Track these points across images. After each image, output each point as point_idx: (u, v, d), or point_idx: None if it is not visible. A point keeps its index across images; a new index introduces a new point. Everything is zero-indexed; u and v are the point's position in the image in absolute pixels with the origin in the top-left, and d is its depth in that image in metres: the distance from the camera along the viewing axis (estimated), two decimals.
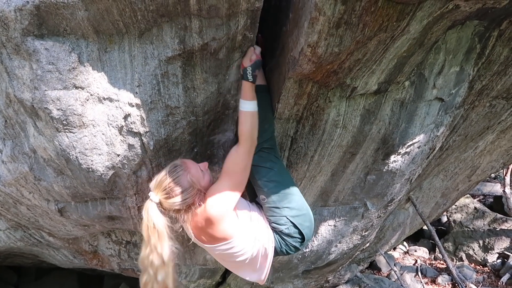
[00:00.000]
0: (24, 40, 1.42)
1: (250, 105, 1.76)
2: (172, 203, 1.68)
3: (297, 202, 1.93)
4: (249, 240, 1.83)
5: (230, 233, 1.76)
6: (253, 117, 1.77)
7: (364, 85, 1.95)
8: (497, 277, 5.64)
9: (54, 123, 1.60)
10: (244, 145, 1.76)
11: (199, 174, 1.77)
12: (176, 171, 1.71)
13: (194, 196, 1.72)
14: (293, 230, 1.90)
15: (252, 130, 1.76)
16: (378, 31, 1.54)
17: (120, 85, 1.64)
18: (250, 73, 1.74)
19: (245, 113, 1.77)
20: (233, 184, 1.75)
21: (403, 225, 4.76)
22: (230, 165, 1.78)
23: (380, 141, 2.35)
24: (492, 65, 2.17)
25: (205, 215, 1.72)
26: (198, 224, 1.77)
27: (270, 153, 1.94)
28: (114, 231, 3.00)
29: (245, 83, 1.77)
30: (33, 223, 2.59)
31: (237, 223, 1.79)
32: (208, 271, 3.67)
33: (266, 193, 1.89)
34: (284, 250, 1.94)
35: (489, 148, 3.52)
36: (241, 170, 1.78)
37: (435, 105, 2.23)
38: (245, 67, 1.75)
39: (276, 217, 1.90)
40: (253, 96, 1.77)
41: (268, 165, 1.91)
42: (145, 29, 1.55)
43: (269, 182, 1.89)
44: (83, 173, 1.81)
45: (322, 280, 4.51)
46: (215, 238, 1.78)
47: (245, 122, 1.77)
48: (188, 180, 1.70)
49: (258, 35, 1.89)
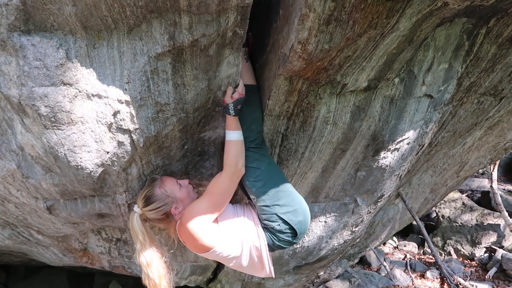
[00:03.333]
0: (10, 36, 1.40)
1: (234, 134, 1.88)
2: (149, 211, 1.90)
3: (287, 198, 1.95)
4: (235, 244, 1.90)
5: (211, 243, 1.84)
6: (237, 145, 1.88)
7: (354, 82, 1.96)
8: (484, 270, 5.74)
9: (42, 120, 1.57)
10: (226, 171, 1.87)
11: (175, 187, 1.95)
12: (152, 183, 1.94)
13: (169, 205, 1.91)
14: (284, 227, 1.93)
15: (235, 158, 1.87)
16: (368, 28, 1.54)
17: (109, 82, 1.62)
18: (232, 109, 1.87)
19: (229, 142, 1.89)
20: (211, 204, 1.85)
21: (393, 220, 4.81)
22: (211, 186, 1.89)
23: (370, 138, 2.37)
24: (480, 62, 2.19)
25: (183, 227, 1.83)
26: (183, 237, 1.88)
27: (256, 152, 1.98)
28: (104, 229, 2.98)
29: (228, 116, 1.89)
30: (22, 221, 2.56)
31: (217, 232, 1.87)
32: (199, 267, 3.68)
33: (255, 192, 1.95)
34: (278, 245, 2.00)
35: (477, 144, 3.57)
36: (221, 192, 1.88)
37: (424, 102, 2.25)
38: (227, 103, 1.88)
39: (267, 215, 1.94)
40: (236, 126, 1.90)
41: (255, 164, 1.96)
42: (134, 25, 1.53)
43: (256, 181, 1.94)
44: (72, 171, 1.79)
45: (313, 276, 4.54)
46: (199, 248, 1.86)
47: (228, 151, 1.88)
48: (162, 191, 1.91)
49: (249, 33, 1.89)
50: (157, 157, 2.00)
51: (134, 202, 2.10)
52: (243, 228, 1.95)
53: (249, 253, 1.94)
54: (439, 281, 5.55)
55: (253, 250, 1.94)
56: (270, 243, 1.97)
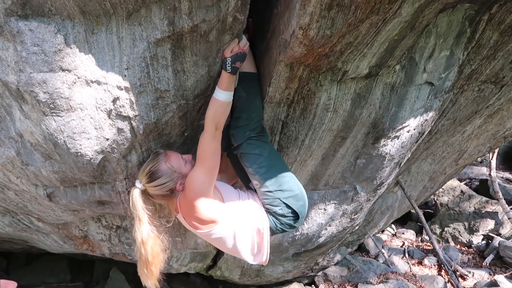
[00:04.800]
0: (7, 21, 1.38)
1: (221, 94, 1.78)
2: (153, 187, 1.82)
3: (288, 183, 2.01)
4: (238, 224, 1.93)
5: (215, 216, 1.84)
6: (222, 106, 1.79)
7: (355, 69, 1.94)
8: (481, 258, 5.78)
9: (41, 107, 1.56)
10: (207, 130, 1.79)
11: (180, 162, 1.88)
12: (157, 158, 1.86)
13: (174, 181, 1.84)
14: (286, 211, 2.00)
15: (215, 117, 1.78)
16: (370, 13, 1.52)
17: (108, 68, 1.60)
18: (229, 64, 1.76)
19: (214, 99, 1.80)
20: (205, 168, 1.80)
21: (392, 208, 4.83)
22: (199, 151, 1.82)
23: (370, 125, 2.36)
24: (481, 49, 2.18)
25: (187, 199, 1.81)
26: (186, 210, 1.85)
27: (258, 140, 2.00)
28: (104, 216, 2.99)
29: (223, 72, 1.79)
30: (22, 208, 2.56)
31: (222, 208, 1.88)
32: (199, 254, 3.70)
33: (258, 179, 1.98)
34: (279, 229, 2.06)
35: (477, 132, 3.57)
36: (210, 154, 1.81)
37: (425, 89, 2.24)
38: (225, 57, 1.78)
39: (269, 199, 1.99)
40: (227, 86, 1.79)
41: (257, 151, 1.98)
42: (133, 10, 1.51)
43: (259, 168, 1.97)
44: (71, 158, 1.78)
45: (312, 263, 4.58)
46: (202, 221, 1.85)
47: (211, 107, 1.80)
48: (168, 165, 1.83)
49: (249, 19, 1.87)
50: (157, 144, 1.99)
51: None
52: (247, 210, 1.98)
53: (251, 236, 1.98)
54: (437, 268, 5.60)
55: (254, 232, 1.98)
56: (272, 226, 2.02)
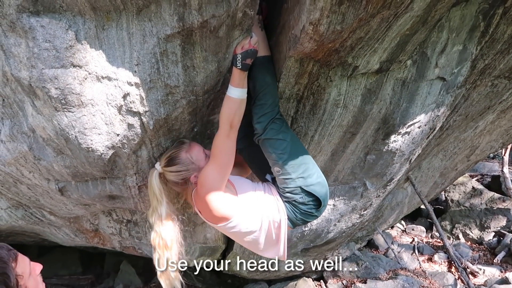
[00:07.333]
0: (19, 17, 1.39)
1: (233, 91, 1.78)
2: (169, 172, 1.88)
3: (311, 170, 1.94)
4: (254, 218, 1.88)
5: (228, 212, 1.82)
6: (235, 104, 1.78)
7: (365, 64, 1.92)
8: (492, 255, 5.72)
9: (53, 102, 1.58)
10: (221, 127, 1.80)
11: (200, 155, 1.90)
12: (180, 146, 1.92)
13: (190, 171, 1.87)
14: (307, 199, 1.92)
15: (230, 116, 1.78)
16: (382, 8, 1.51)
17: (118, 64, 1.61)
18: (239, 60, 1.76)
19: (227, 97, 1.80)
20: (218, 166, 1.80)
21: (401, 204, 4.80)
22: (214, 149, 1.83)
23: (380, 121, 2.34)
24: (495, 44, 2.14)
25: (199, 194, 1.81)
26: (201, 206, 1.85)
27: (281, 124, 1.94)
28: (115, 210, 3.02)
29: (234, 69, 1.79)
30: (34, 202, 2.60)
31: (236, 203, 1.85)
32: (208, 249, 3.72)
33: (281, 165, 1.90)
34: (300, 219, 1.99)
35: (489, 128, 3.52)
36: (224, 152, 1.81)
37: (436, 85, 2.21)
38: (236, 53, 1.77)
39: (290, 187, 1.92)
40: (239, 83, 1.78)
41: (281, 136, 1.91)
42: (143, 6, 1.51)
43: (283, 154, 1.90)
44: (82, 153, 1.80)
45: (321, 258, 4.58)
46: (216, 218, 1.84)
47: (224, 105, 1.80)
48: (188, 156, 1.88)
49: (263, 3, 1.84)
50: (166, 140, 2.00)
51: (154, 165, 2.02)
52: (262, 202, 1.93)
53: (267, 228, 1.92)
54: (447, 265, 5.56)
55: (271, 225, 1.92)
56: (292, 216, 1.95)
